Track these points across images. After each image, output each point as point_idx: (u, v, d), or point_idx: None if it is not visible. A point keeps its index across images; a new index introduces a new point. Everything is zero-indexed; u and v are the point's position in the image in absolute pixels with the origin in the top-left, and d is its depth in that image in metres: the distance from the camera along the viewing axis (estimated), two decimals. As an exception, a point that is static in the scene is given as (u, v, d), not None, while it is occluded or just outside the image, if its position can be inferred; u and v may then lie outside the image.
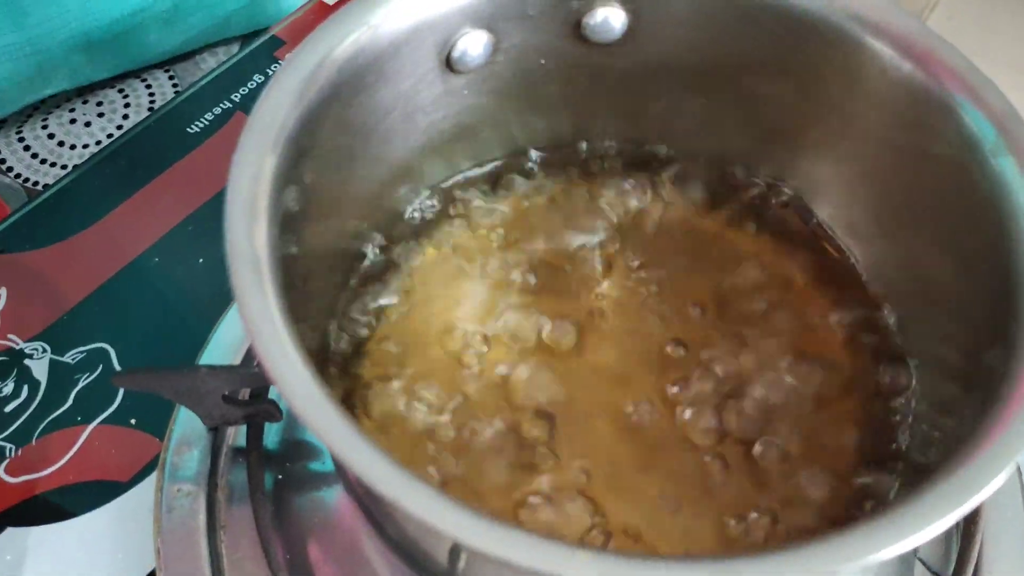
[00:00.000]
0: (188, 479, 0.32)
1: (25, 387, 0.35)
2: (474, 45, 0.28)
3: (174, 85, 0.59)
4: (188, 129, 0.43)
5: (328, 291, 0.29)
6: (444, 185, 0.31)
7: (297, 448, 0.34)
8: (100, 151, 0.42)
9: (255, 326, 0.19)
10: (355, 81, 0.25)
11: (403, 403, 0.28)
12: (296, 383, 0.19)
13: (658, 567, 0.17)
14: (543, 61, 0.29)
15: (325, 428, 0.19)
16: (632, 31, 0.29)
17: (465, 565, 0.26)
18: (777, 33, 0.26)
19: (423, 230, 0.30)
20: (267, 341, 0.19)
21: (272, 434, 0.33)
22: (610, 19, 0.29)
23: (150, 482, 0.33)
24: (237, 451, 0.33)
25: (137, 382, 0.31)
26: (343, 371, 0.29)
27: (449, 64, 0.28)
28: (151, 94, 0.59)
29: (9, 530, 0.32)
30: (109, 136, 0.57)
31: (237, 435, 0.33)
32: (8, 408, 0.35)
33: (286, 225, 0.22)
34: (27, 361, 0.36)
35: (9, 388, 0.35)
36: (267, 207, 0.22)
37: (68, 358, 0.36)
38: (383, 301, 0.30)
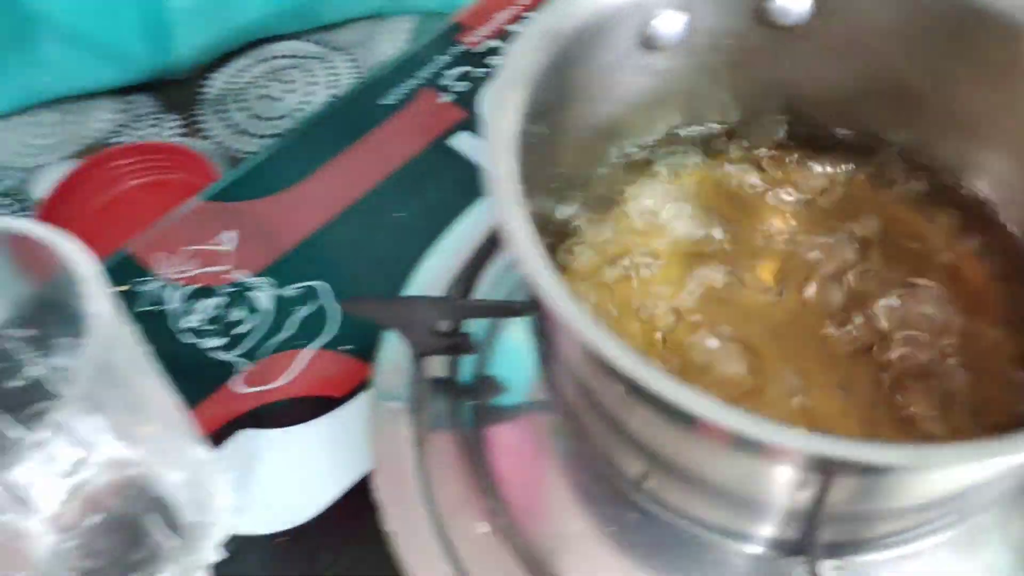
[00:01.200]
0: (395, 399, 0.37)
1: (254, 314, 0.41)
2: (671, 24, 0.32)
3: (354, 63, 0.65)
4: (380, 102, 0.49)
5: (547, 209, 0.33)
6: (641, 144, 0.35)
7: (485, 382, 0.38)
8: (308, 119, 0.48)
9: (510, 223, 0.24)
10: (576, 47, 0.30)
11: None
12: (551, 285, 0.24)
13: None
14: (730, 41, 0.33)
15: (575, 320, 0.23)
16: (815, 16, 0.32)
17: (650, 475, 0.30)
18: (962, 22, 0.29)
19: (625, 176, 0.34)
20: (517, 231, 0.24)
21: (465, 367, 0.38)
22: (792, 4, 0.33)
23: (360, 400, 0.38)
24: (434, 381, 0.38)
25: (364, 309, 0.36)
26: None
27: (648, 41, 0.32)
28: (333, 73, 0.65)
29: (245, 432, 0.38)
30: (297, 110, 0.63)
31: (434, 369, 0.38)
32: (239, 330, 0.41)
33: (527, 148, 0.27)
34: (255, 292, 0.42)
35: (242, 314, 0.41)
36: (515, 132, 0.26)
37: (288, 291, 0.42)
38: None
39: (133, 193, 0.57)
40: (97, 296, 0.25)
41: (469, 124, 0.47)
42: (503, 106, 0.26)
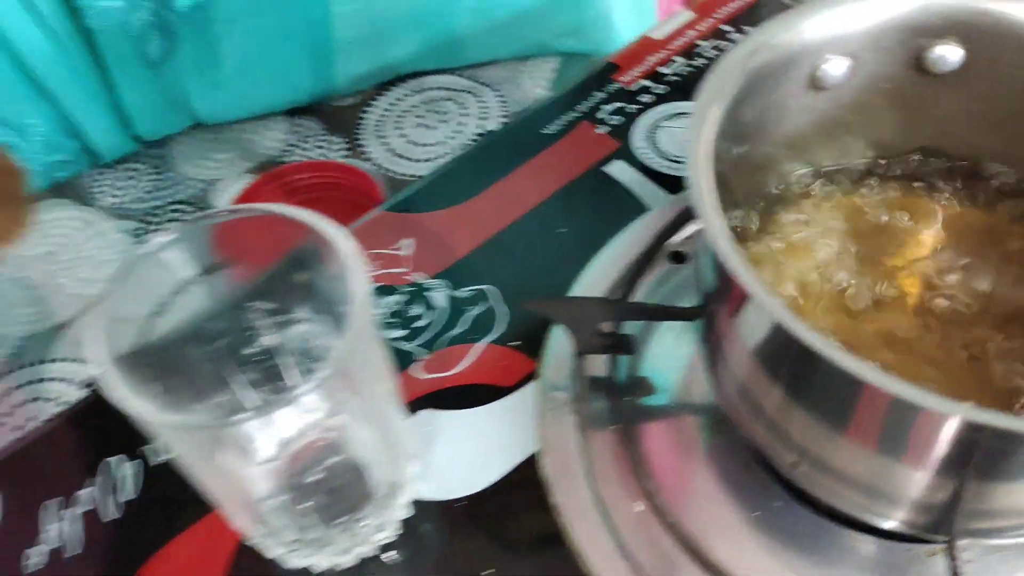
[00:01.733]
0: (560, 390, 0.42)
1: (431, 311, 0.46)
2: (836, 68, 0.36)
3: (500, 99, 0.71)
4: (542, 131, 0.54)
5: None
6: (798, 174, 0.39)
7: (638, 382, 0.42)
8: (477, 144, 0.54)
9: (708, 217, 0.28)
10: (753, 83, 0.34)
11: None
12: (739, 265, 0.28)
13: None
14: (887, 85, 0.37)
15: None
16: (967, 66, 0.36)
17: (801, 463, 0.33)
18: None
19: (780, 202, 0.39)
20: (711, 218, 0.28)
21: (621, 368, 0.43)
22: (948, 55, 0.36)
23: (527, 390, 0.43)
24: (593, 380, 0.42)
25: (540, 306, 0.41)
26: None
27: (815, 82, 0.37)
28: (482, 106, 0.71)
29: (424, 411, 0.43)
30: (450, 138, 0.69)
31: (593, 368, 0.43)
32: (417, 324, 0.46)
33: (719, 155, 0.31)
34: (431, 292, 0.47)
35: (420, 310, 0.46)
36: (712, 139, 0.31)
37: (461, 293, 0.47)
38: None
39: (307, 205, 0.62)
40: (357, 273, 0.30)
41: (623, 154, 0.52)
42: (704, 119, 0.31)
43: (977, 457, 0.27)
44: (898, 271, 0.37)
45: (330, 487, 0.36)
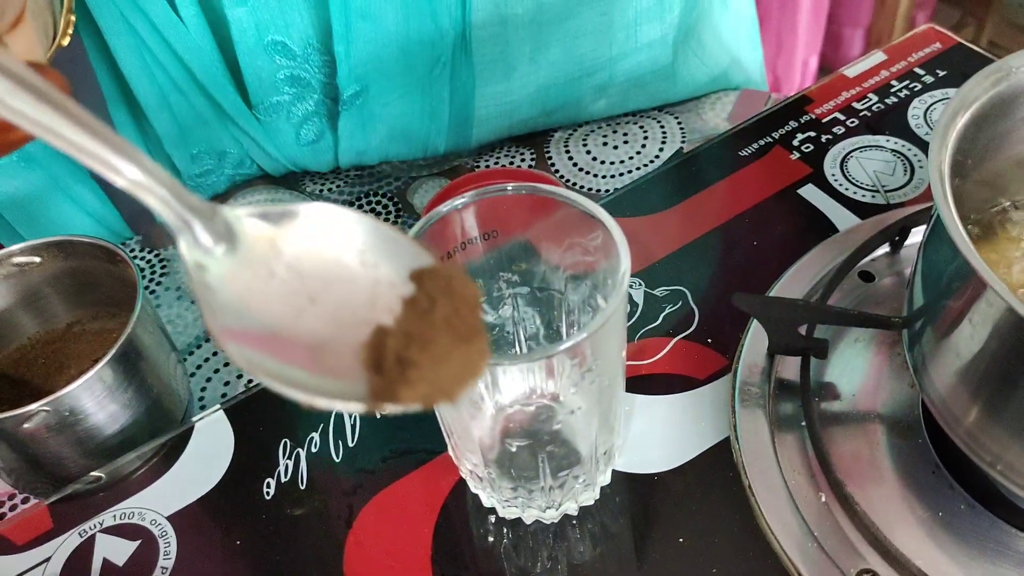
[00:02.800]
0: (754, 384, 0.45)
1: (628, 305, 0.50)
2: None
3: (680, 126, 0.75)
4: (740, 153, 0.57)
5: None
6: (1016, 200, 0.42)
7: (824, 387, 0.45)
8: (673, 158, 0.58)
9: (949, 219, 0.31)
10: (989, 108, 0.37)
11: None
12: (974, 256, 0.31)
13: None
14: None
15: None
16: None
17: (1000, 461, 0.35)
18: None
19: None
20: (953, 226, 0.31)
21: (810, 372, 0.45)
22: None
23: (719, 384, 0.46)
24: (781, 381, 0.45)
25: (747, 303, 0.44)
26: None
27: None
28: (664, 130, 0.75)
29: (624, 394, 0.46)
30: (630, 158, 0.73)
31: (782, 371, 0.46)
32: (616, 316, 0.50)
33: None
34: (629, 289, 0.51)
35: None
36: (948, 154, 0.34)
37: (657, 292, 0.51)
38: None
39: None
40: (623, 246, 0.35)
41: (815, 179, 0.55)
42: (947, 130, 0.34)
43: None
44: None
45: (557, 440, 0.40)
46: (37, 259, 0.51)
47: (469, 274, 0.29)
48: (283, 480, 0.45)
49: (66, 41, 0.41)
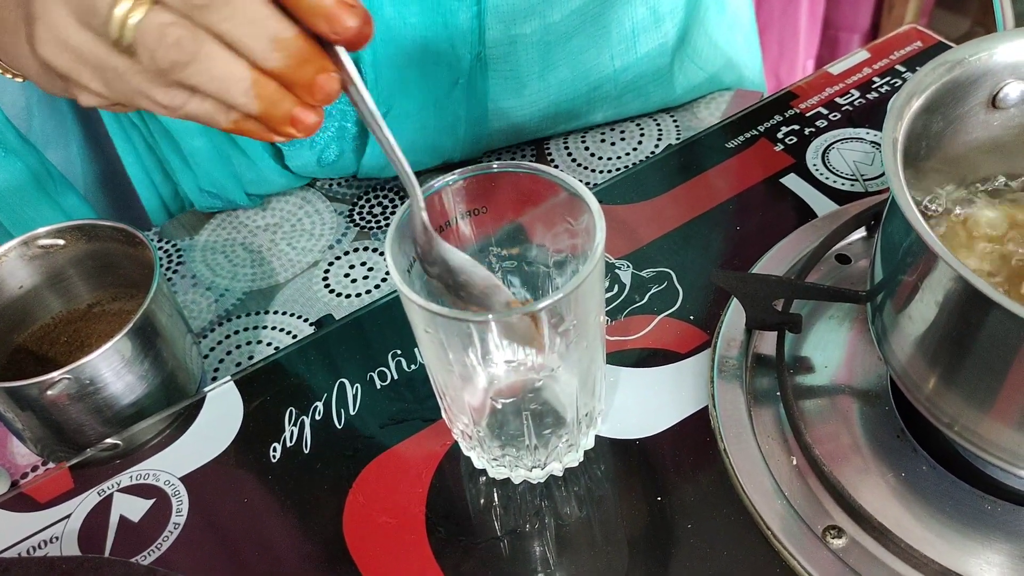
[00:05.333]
0: (731, 357, 0.48)
1: (615, 286, 0.53)
2: (1014, 91, 0.41)
3: (676, 124, 0.78)
4: (727, 144, 0.60)
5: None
6: (970, 183, 0.44)
7: (800, 360, 0.48)
8: (664, 151, 0.60)
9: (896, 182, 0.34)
10: (942, 94, 0.40)
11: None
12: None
13: None
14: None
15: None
16: None
17: (957, 422, 0.38)
18: None
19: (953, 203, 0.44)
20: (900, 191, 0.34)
21: (786, 347, 0.48)
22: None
23: (700, 358, 0.49)
24: (758, 355, 0.48)
25: (724, 279, 0.47)
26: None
27: (993, 102, 0.42)
28: (659, 129, 0.78)
29: (610, 366, 0.49)
30: (627, 154, 0.76)
31: (759, 345, 0.48)
32: (605, 296, 0.52)
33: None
34: (617, 271, 0.54)
35: (606, 284, 0.53)
36: (901, 138, 0.36)
37: (644, 273, 0.53)
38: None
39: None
40: (599, 220, 0.37)
41: (797, 169, 0.58)
42: (901, 111, 0.37)
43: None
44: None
45: (539, 399, 0.43)
46: (61, 241, 0.54)
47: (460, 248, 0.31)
48: (288, 445, 0.48)
49: None
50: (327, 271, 0.66)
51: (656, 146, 0.75)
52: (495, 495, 0.45)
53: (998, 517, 0.40)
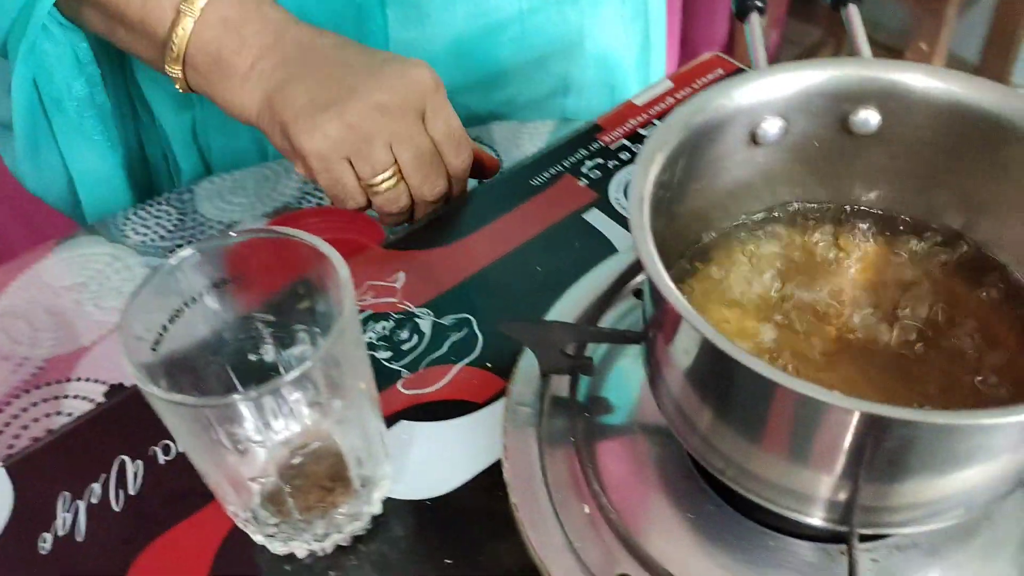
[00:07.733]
0: (526, 404, 0.46)
1: (415, 336, 0.51)
2: (772, 127, 0.42)
3: (502, 159, 0.77)
4: (531, 182, 0.59)
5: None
6: (739, 217, 0.44)
7: (597, 401, 0.47)
8: (472, 191, 0.59)
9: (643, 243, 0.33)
10: (697, 138, 0.40)
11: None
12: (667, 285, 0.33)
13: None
14: (817, 144, 0.43)
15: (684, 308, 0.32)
16: (884, 128, 0.41)
17: (728, 469, 0.37)
18: (983, 130, 0.38)
19: (724, 242, 0.44)
20: (647, 250, 0.33)
21: (582, 388, 0.47)
22: (869, 119, 0.42)
23: (496, 406, 0.47)
24: (555, 399, 0.47)
25: (513, 329, 0.45)
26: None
27: (754, 139, 0.42)
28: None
29: (403, 422, 0.47)
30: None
31: (556, 388, 0.47)
32: (404, 347, 0.51)
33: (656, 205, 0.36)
34: (417, 319, 0.52)
35: (405, 335, 0.51)
36: (650, 187, 0.36)
37: (444, 320, 0.52)
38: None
39: (317, 244, 0.68)
40: (348, 287, 0.36)
41: (599, 203, 0.57)
42: (646, 167, 0.36)
43: (869, 452, 0.31)
44: (825, 298, 0.42)
45: (310, 472, 0.41)
46: None
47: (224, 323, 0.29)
48: (60, 534, 0.44)
49: None
50: (130, 333, 0.62)
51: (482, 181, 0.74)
52: (283, 570, 0.42)
53: (780, 551, 0.40)
